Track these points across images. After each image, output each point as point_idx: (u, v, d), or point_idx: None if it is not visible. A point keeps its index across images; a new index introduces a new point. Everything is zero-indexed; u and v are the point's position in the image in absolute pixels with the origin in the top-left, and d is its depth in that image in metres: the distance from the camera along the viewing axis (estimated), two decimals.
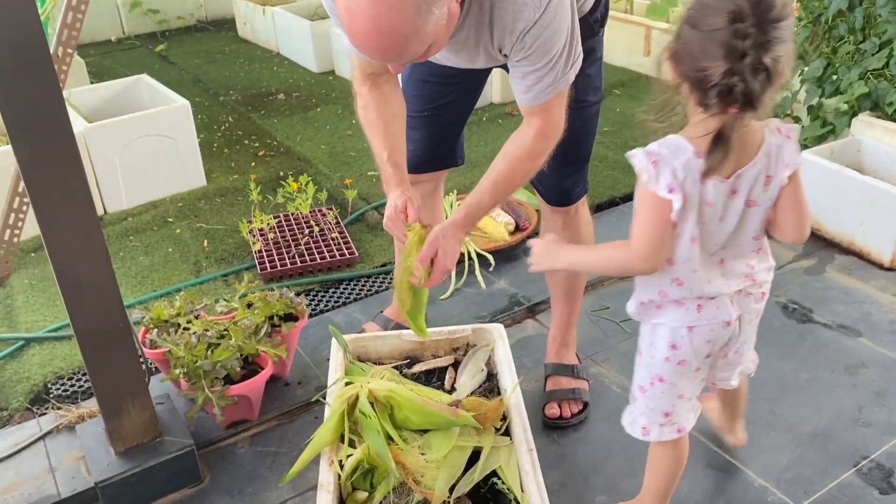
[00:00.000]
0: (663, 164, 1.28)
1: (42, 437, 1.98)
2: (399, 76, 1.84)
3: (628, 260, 1.38)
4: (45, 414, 2.07)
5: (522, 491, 1.53)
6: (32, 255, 2.81)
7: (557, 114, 1.56)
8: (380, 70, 1.65)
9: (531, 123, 1.57)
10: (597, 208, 3.04)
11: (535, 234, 2.72)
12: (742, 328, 1.47)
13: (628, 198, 3.11)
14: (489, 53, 1.51)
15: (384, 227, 1.68)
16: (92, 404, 2.05)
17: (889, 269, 2.58)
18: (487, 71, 1.83)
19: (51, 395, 2.15)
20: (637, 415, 1.57)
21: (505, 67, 1.62)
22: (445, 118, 1.91)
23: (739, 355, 1.54)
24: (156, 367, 2.08)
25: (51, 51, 2.28)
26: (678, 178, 1.27)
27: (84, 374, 2.20)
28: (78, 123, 3.02)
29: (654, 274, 1.38)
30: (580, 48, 1.51)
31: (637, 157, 1.30)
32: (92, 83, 3.89)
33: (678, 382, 1.50)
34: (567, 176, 1.86)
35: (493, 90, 4.09)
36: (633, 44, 4.43)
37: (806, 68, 3.28)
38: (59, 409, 2.07)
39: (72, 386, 2.19)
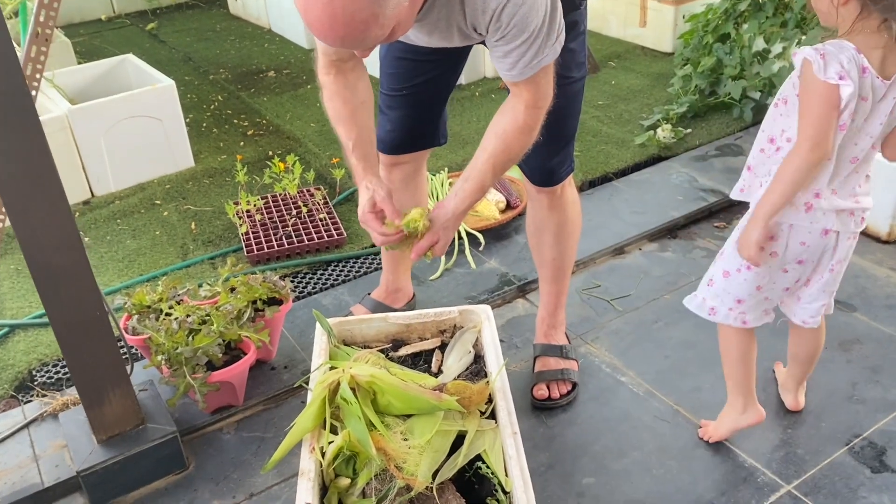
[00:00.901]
0: (830, 57, 1.40)
1: (26, 426, 1.96)
2: (378, 50, 1.79)
3: (802, 157, 1.45)
4: (29, 401, 2.05)
5: (507, 475, 1.51)
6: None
7: (545, 84, 1.52)
8: (345, 56, 1.60)
9: (519, 95, 1.53)
10: (589, 184, 3.00)
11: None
12: (838, 246, 1.58)
13: (622, 173, 3.07)
14: (464, 33, 1.46)
15: (360, 222, 1.64)
16: (76, 392, 2.03)
17: (886, 243, 2.54)
18: (468, 47, 1.78)
19: (35, 383, 2.13)
20: (710, 296, 1.70)
21: (482, 43, 1.57)
22: (424, 96, 1.85)
23: (825, 282, 1.63)
24: (140, 354, 2.06)
25: (28, 31, 2.24)
26: (845, 67, 1.39)
27: None
28: (61, 105, 2.98)
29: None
30: (563, 21, 1.46)
31: (804, 51, 1.42)
32: (80, 63, 3.84)
33: (762, 273, 1.61)
34: (552, 155, 1.81)
35: (486, 64, 4.02)
36: (629, 15, 4.35)
37: (803, 37, 3.21)
38: (43, 396, 2.05)
39: (56, 373, 2.17)
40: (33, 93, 2.19)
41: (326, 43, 1.23)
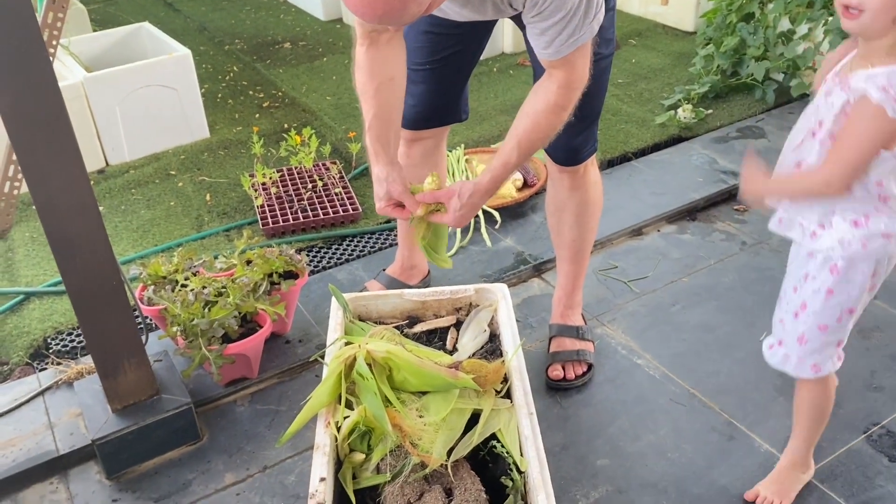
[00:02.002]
0: None
1: (41, 393, 1.97)
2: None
3: (828, 186, 1.36)
4: (44, 369, 2.06)
5: (521, 455, 1.50)
6: (33, 207, 2.77)
7: (581, 65, 1.49)
8: (382, 28, 1.57)
9: (553, 76, 1.50)
10: (608, 164, 2.96)
11: (543, 190, 2.64)
12: None
13: (641, 153, 3.03)
14: (497, 7, 1.43)
15: (377, 211, 1.62)
16: (91, 360, 2.03)
17: None
18: (493, 21, 1.75)
19: (50, 351, 2.14)
20: (807, 354, 1.51)
21: (514, 20, 1.53)
22: (448, 71, 1.82)
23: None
24: (155, 324, 2.06)
25: None
26: None
27: None
28: (77, 73, 2.96)
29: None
30: None
31: (867, 87, 1.27)
32: (95, 31, 3.81)
33: (859, 309, 1.49)
34: (576, 134, 1.78)
35: (505, 39, 3.97)
36: None
37: (830, 18, 3.15)
38: (58, 364, 2.06)
39: (71, 341, 2.17)
40: (51, 61, 2.16)
41: (365, 20, 1.21)
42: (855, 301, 1.46)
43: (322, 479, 1.41)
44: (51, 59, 2.26)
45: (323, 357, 1.74)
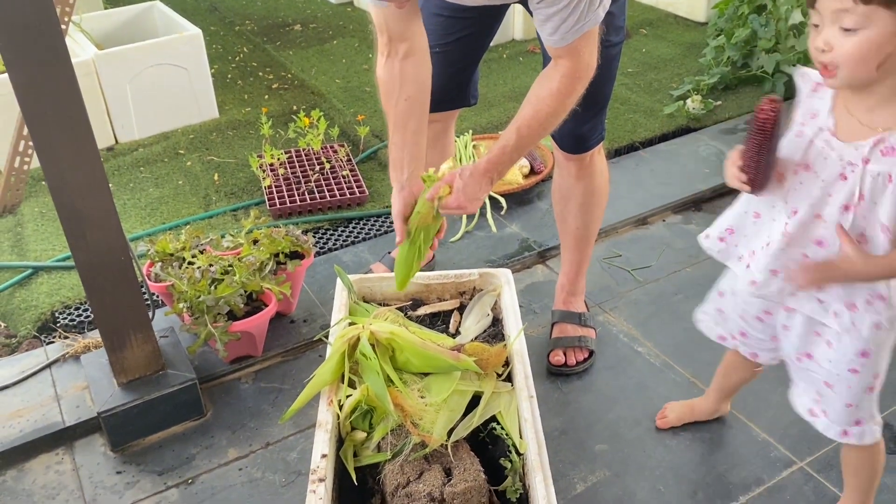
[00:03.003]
0: None
1: (48, 366, 2.00)
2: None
3: None
4: (52, 342, 2.09)
5: (521, 437, 1.52)
6: (43, 183, 2.80)
7: (587, 53, 1.48)
8: (396, 32, 1.56)
9: (559, 65, 1.49)
10: (616, 153, 2.96)
11: (550, 177, 2.66)
12: None
13: (649, 143, 3.04)
14: None
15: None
16: (98, 335, 2.05)
17: None
18: (504, 7, 1.75)
19: (58, 325, 2.16)
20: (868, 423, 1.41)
21: (523, 3, 1.54)
22: (458, 55, 1.83)
23: None
24: (161, 301, 2.08)
25: None
26: None
27: None
28: (88, 50, 2.97)
29: None
30: None
31: None
32: (106, 8, 3.82)
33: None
34: (584, 122, 1.78)
35: (516, 26, 3.96)
36: None
37: None
38: (65, 338, 2.08)
39: (79, 316, 2.20)
40: (64, 38, 2.17)
41: None
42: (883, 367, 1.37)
43: (324, 456, 1.43)
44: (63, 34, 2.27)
45: (327, 337, 1.76)
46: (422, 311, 1.88)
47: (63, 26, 2.50)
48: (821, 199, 1.24)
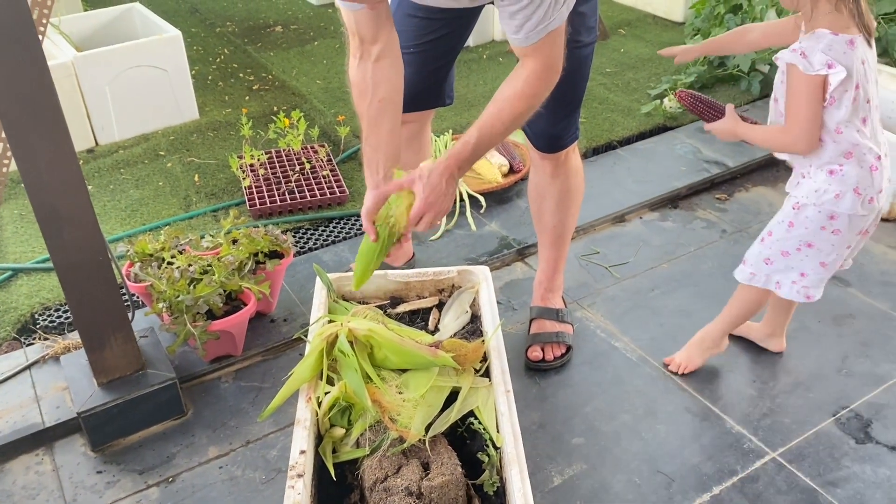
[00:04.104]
0: (810, 52, 1.53)
1: (28, 367, 2.00)
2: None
3: (785, 143, 1.66)
4: (31, 344, 2.09)
5: (498, 431, 1.54)
6: (22, 185, 2.79)
7: (553, 54, 1.49)
8: (368, 34, 1.56)
9: (525, 65, 1.51)
10: (594, 152, 3.00)
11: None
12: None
13: (626, 142, 3.07)
14: None
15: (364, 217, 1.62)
16: (77, 336, 2.06)
17: (885, 220, 2.55)
18: (478, 9, 1.77)
19: (37, 326, 2.16)
20: (773, 272, 1.78)
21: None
22: (432, 55, 1.85)
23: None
24: (141, 301, 2.08)
25: None
26: (829, 54, 1.52)
27: None
28: (67, 52, 2.96)
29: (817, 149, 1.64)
30: None
31: (784, 56, 1.57)
32: (86, 10, 3.81)
33: (825, 250, 1.71)
34: (557, 121, 1.81)
35: (495, 27, 3.99)
36: None
37: None
38: (45, 339, 2.08)
39: (59, 317, 2.20)
40: (39, 39, 2.17)
41: None
42: (813, 237, 1.70)
43: (302, 452, 1.44)
44: (40, 37, 2.27)
45: (306, 335, 1.77)
46: (401, 308, 1.90)
47: (41, 28, 2.49)
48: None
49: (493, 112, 1.52)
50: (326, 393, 1.57)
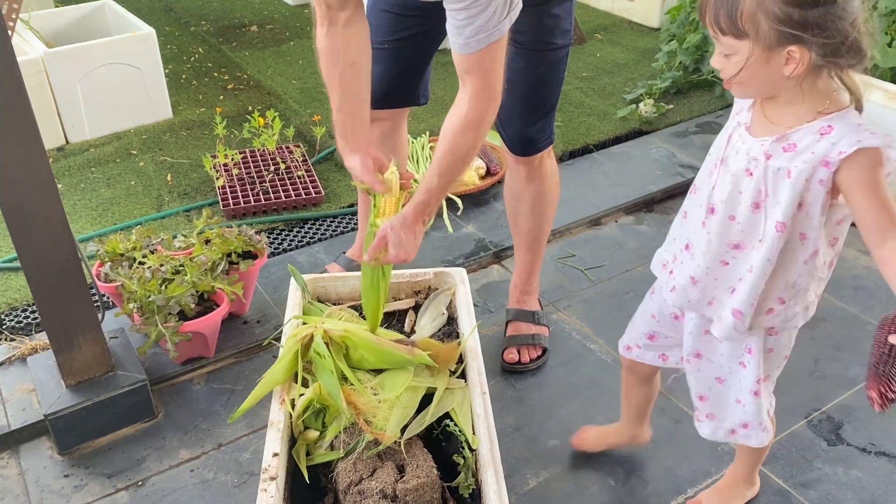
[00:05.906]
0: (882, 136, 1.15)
1: None
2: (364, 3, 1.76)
3: None
4: None
5: (474, 433, 1.53)
6: None
7: (493, 70, 1.43)
8: (338, 4, 1.53)
9: (466, 86, 1.45)
10: (570, 155, 3.01)
11: None
12: None
13: (602, 145, 3.08)
14: None
15: (355, 179, 1.60)
16: (45, 336, 2.01)
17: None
18: None
19: (4, 327, 2.11)
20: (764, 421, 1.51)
21: None
22: (406, 52, 1.83)
23: None
24: (111, 302, 2.05)
25: None
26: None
27: None
28: (37, 48, 2.91)
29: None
30: None
31: (861, 137, 1.14)
32: (57, 6, 3.74)
33: None
34: (531, 124, 1.80)
35: None
36: None
37: None
38: (12, 340, 2.04)
39: (26, 318, 2.15)
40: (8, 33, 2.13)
41: None
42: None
43: (275, 455, 1.42)
44: (9, 32, 2.22)
45: (278, 340, 1.75)
46: None
47: (10, 23, 2.45)
48: (732, 196, 1.26)
49: (447, 149, 1.48)
50: (301, 395, 1.55)
